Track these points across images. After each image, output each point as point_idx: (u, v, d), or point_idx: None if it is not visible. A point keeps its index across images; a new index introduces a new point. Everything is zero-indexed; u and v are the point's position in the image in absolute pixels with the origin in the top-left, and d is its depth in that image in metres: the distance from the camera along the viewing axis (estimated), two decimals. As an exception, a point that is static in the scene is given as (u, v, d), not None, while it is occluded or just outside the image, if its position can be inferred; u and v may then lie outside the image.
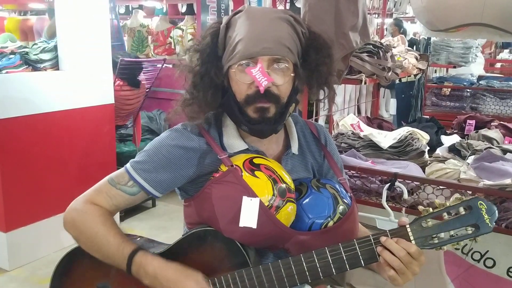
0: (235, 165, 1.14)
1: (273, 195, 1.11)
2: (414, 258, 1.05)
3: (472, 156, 2.03)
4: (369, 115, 3.26)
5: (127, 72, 3.77)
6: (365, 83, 2.44)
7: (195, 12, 5.01)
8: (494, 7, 1.91)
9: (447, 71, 5.09)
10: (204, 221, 1.17)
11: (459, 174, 1.93)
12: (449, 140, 2.46)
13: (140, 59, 4.28)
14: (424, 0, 2.12)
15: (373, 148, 2.22)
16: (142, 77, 3.99)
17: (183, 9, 6.06)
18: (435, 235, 1.06)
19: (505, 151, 2.08)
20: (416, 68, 3.28)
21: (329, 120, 3.20)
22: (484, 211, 1.05)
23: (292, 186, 1.17)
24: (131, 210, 3.87)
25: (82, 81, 3.29)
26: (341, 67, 2.13)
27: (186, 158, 1.19)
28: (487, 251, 1.74)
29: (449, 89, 4.21)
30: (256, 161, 1.16)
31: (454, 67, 4.40)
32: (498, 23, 1.95)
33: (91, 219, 1.16)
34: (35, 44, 3.28)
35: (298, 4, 4.88)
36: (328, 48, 1.24)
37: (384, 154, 2.19)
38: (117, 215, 3.52)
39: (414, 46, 6.18)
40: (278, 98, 1.16)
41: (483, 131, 2.50)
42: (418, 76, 3.59)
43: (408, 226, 1.07)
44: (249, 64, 1.13)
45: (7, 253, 2.96)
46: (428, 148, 2.31)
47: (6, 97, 2.86)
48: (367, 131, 2.35)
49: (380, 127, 2.64)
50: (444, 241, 1.06)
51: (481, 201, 1.05)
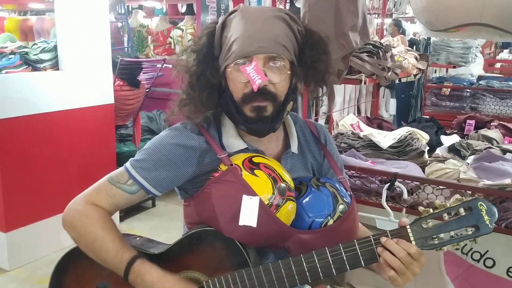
0: (235, 164, 1.14)
1: (273, 194, 1.11)
2: (414, 259, 1.05)
3: (472, 156, 2.03)
4: (369, 115, 3.26)
5: (127, 72, 3.77)
6: (365, 83, 2.44)
7: (195, 12, 5.00)
8: (494, 7, 1.91)
9: (447, 71, 5.09)
10: (204, 221, 1.17)
11: (459, 174, 1.93)
12: (449, 140, 2.46)
13: (140, 59, 4.28)
14: (424, 0, 2.12)
15: (373, 148, 2.22)
16: (142, 77, 3.99)
17: (183, 9, 6.05)
18: (435, 236, 1.06)
19: (505, 151, 2.08)
20: (416, 68, 3.27)
21: (329, 120, 3.20)
22: (484, 212, 1.05)
23: (292, 185, 1.17)
24: (131, 210, 3.87)
25: (82, 81, 3.29)
26: (341, 67, 2.13)
27: (186, 157, 1.19)
28: (487, 251, 1.74)
29: (449, 89, 4.21)
30: (256, 160, 1.16)
31: (454, 67, 4.40)
32: (498, 23, 1.95)
33: (90, 222, 1.15)
34: (35, 44, 3.28)
35: (298, 4, 4.87)
36: (325, 45, 1.24)
37: (384, 154, 2.19)
38: (117, 215, 3.51)
39: (414, 46, 6.17)
40: (275, 96, 1.16)
41: (483, 131, 2.50)
42: (418, 76, 3.58)
43: (409, 227, 1.07)
44: (245, 63, 1.13)
45: (7, 253, 2.96)
46: (428, 148, 2.31)
47: (6, 97, 2.86)
48: (367, 131, 2.35)
49: (380, 127, 2.64)
50: (444, 242, 1.06)
51: (481, 202, 1.05)
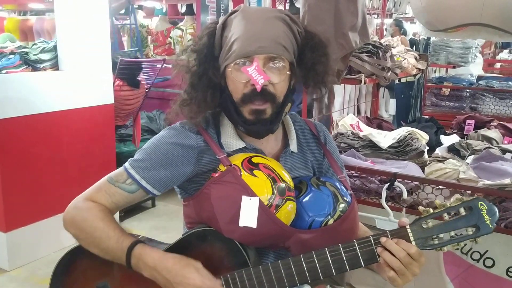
0: (234, 165, 1.14)
1: (273, 194, 1.11)
2: (414, 259, 1.05)
3: (472, 156, 2.03)
4: (369, 115, 3.26)
5: (127, 72, 3.77)
6: (365, 83, 2.44)
7: (195, 12, 5.00)
8: (493, 7, 1.91)
9: (447, 71, 5.09)
10: (204, 221, 1.17)
11: (459, 174, 1.94)
12: (449, 140, 2.46)
13: (140, 59, 4.28)
14: (424, 1, 2.12)
15: (373, 148, 2.22)
16: (142, 77, 3.99)
17: (183, 9, 6.05)
18: (435, 236, 1.06)
19: (504, 151, 2.09)
20: (416, 68, 3.27)
21: (329, 120, 3.20)
22: (485, 212, 1.04)
23: (292, 185, 1.17)
24: (131, 210, 3.87)
25: (82, 81, 3.29)
26: (341, 67, 2.13)
27: (184, 156, 1.19)
28: (487, 251, 1.74)
29: (449, 89, 4.21)
30: (255, 160, 1.16)
31: (454, 67, 4.39)
32: (497, 23, 1.95)
33: (91, 215, 1.16)
34: (35, 44, 3.28)
35: (298, 4, 4.87)
36: (324, 47, 1.24)
37: (384, 154, 2.20)
38: (117, 215, 3.51)
39: (414, 46, 6.18)
40: (274, 97, 1.16)
41: (483, 131, 2.50)
42: (418, 76, 3.58)
43: (408, 227, 1.07)
44: (245, 63, 1.13)
45: (7, 253, 2.96)
46: (428, 148, 2.31)
47: (6, 97, 2.86)
48: (367, 131, 2.35)
49: (380, 127, 2.64)
50: (444, 242, 1.05)
51: (482, 202, 1.05)
